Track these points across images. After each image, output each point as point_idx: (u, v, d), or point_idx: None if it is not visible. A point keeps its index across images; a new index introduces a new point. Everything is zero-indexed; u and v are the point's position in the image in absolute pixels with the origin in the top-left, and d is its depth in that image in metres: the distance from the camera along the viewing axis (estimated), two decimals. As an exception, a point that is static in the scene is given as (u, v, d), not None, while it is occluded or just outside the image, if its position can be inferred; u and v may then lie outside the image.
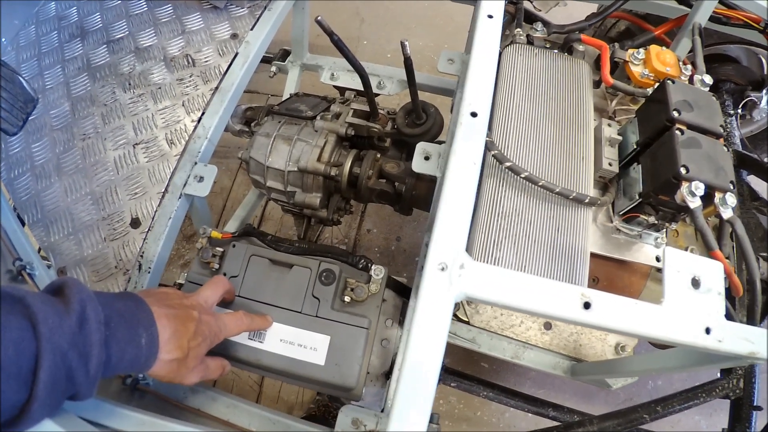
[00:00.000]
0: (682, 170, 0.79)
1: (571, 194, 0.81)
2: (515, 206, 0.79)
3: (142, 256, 1.04)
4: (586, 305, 0.57)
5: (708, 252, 0.80)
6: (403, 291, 1.05)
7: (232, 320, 0.84)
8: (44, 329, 0.55)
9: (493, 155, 0.78)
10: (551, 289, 0.56)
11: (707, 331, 0.62)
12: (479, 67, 0.66)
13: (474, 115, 0.62)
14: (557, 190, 0.80)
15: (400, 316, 1.03)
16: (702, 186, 0.78)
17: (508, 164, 0.78)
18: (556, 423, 1.11)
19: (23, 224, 1.10)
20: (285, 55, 1.43)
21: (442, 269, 0.53)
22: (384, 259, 1.76)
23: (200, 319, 0.75)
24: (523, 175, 0.78)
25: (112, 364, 0.61)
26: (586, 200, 0.82)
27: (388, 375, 1.02)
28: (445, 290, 0.52)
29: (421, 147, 0.99)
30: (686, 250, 1.01)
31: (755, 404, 1.12)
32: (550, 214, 0.81)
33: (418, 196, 1.08)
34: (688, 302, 0.62)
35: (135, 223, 1.09)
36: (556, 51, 1.01)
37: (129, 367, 0.64)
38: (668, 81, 0.88)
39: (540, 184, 0.79)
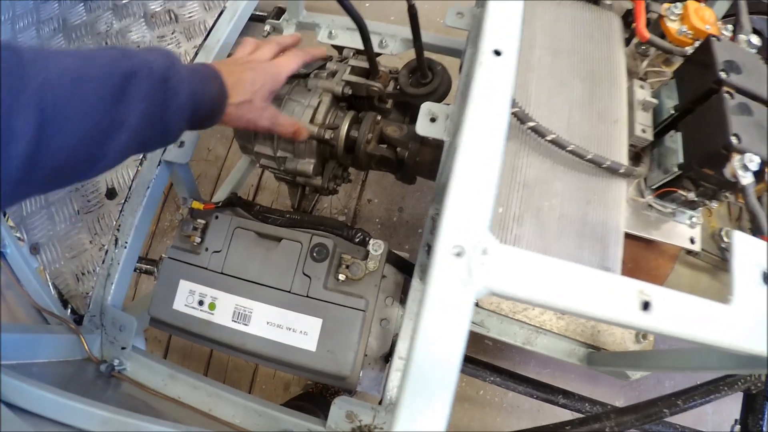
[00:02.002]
0: (734, 140, 0.62)
1: (604, 162, 0.63)
2: (539, 174, 0.62)
3: (118, 229, 0.88)
4: (645, 305, 0.40)
5: (758, 236, 0.64)
6: (404, 267, 0.89)
7: (288, 59, 0.78)
8: (138, 59, 0.52)
9: (513, 113, 0.61)
10: (601, 284, 0.39)
11: (780, 337, 0.45)
12: (504, -6, 0.48)
13: (498, 53, 0.44)
14: (589, 156, 0.62)
15: (402, 294, 0.88)
16: (757, 159, 0.61)
17: (531, 124, 0.60)
18: (566, 410, 0.96)
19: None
20: (279, 13, 1.23)
21: (458, 254, 0.36)
22: (385, 230, 1.59)
23: (256, 67, 0.72)
24: (548, 138, 0.61)
25: (198, 97, 0.60)
26: (622, 170, 0.65)
27: (387, 358, 0.87)
28: (463, 283, 0.36)
29: (426, 107, 0.81)
30: (720, 231, 0.84)
31: (770, 396, 0.97)
32: (580, 184, 0.64)
33: (423, 163, 0.90)
34: (758, 301, 0.46)
35: (111, 193, 0.92)
36: (583, 1, 0.81)
37: (209, 108, 0.63)
38: (713, 38, 0.70)
39: (569, 148, 0.62)
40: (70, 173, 0.48)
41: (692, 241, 0.77)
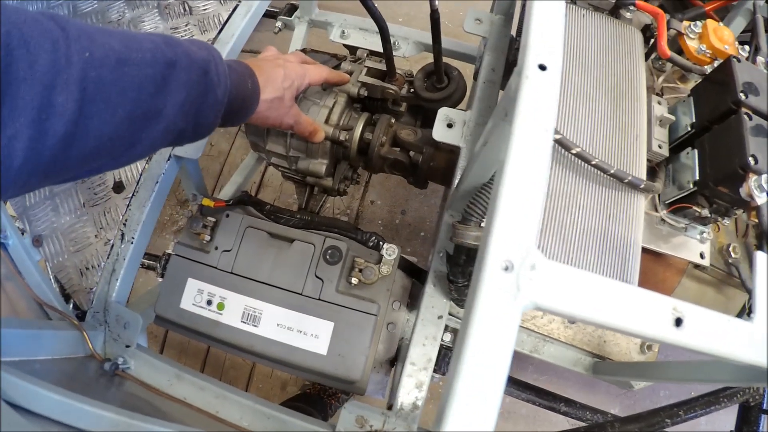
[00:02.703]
0: (751, 161, 0.63)
1: (626, 177, 0.64)
2: (562, 187, 0.63)
3: (124, 224, 0.87)
4: (678, 322, 0.41)
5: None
6: (413, 271, 0.89)
7: (315, 68, 0.81)
8: (180, 50, 0.52)
9: (540, 126, 0.61)
10: (639, 300, 0.40)
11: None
12: (545, 7, 0.48)
13: (543, 68, 0.44)
14: (612, 171, 0.63)
15: (408, 298, 0.88)
16: None
17: (557, 137, 0.61)
18: (563, 417, 0.98)
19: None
20: (292, 9, 1.22)
21: (507, 269, 0.37)
22: (387, 232, 1.59)
23: (285, 65, 0.74)
24: (574, 151, 0.62)
25: (234, 93, 0.60)
26: (642, 185, 0.66)
27: (392, 362, 0.88)
28: (511, 298, 0.36)
29: (443, 113, 0.82)
30: (727, 247, 0.86)
31: (764, 407, 1.01)
32: (601, 198, 0.65)
33: (436, 168, 0.90)
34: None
35: (118, 187, 0.90)
36: (605, 14, 0.82)
37: (241, 104, 0.63)
38: (734, 59, 0.72)
39: (593, 162, 0.62)
40: (103, 157, 0.47)
41: (702, 256, 0.79)
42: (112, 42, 0.45)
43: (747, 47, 0.84)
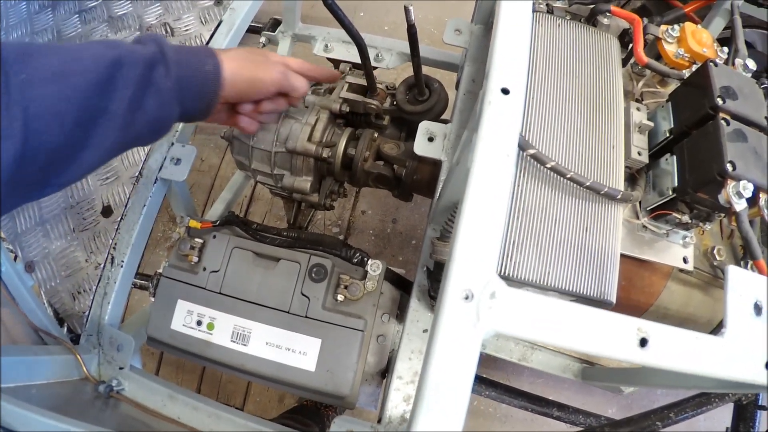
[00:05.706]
0: (729, 167, 0.63)
1: (602, 189, 0.65)
2: (538, 201, 0.63)
3: (114, 248, 0.88)
4: (643, 342, 0.42)
5: (750, 260, 0.66)
6: (401, 284, 0.90)
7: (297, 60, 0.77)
8: (123, 49, 0.54)
9: (513, 142, 0.62)
10: (602, 323, 0.41)
11: (768, 366, 0.47)
12: (509, 28, 0.49)
13: (506, 92, 0.45)
14: (587, 183, 0.64)
15: (398, 310, 0.89)
16: (751, 187, 0.63)
17: (531, 152, 0.61)
18: (560, 423, 0.98)
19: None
20: (275, 25, 1.23)
21: (467, 298, 0.37)
22: (379, 242, 1.60)
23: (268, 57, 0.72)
24: (548, 165, 0.62)
25: (186, 77, 0.60)
26: (619, 196, 0.66)
27: (383, 373, 0.89)
28: (471, 327, 0.37)
29: (424, 127, 0.83)
30: (712, 249, 0.86)
31: (760, 404, 1.01)
32: (578, 211, 0.65)
33: (420, 181, 0.91)
34: (750, 332, 0.47)
35: (106, 211, 0.92)
36: (581, 22, 0.83)
37: (202, 84, 0.62)
38: (711, 63, 0.72)
39: (568, 176, 0.63)
40: (60, 165, 0.50)
41: (685, 260, 0.79)
42: (51, 59, 0.48)
43: (726, 49, 0.84)
